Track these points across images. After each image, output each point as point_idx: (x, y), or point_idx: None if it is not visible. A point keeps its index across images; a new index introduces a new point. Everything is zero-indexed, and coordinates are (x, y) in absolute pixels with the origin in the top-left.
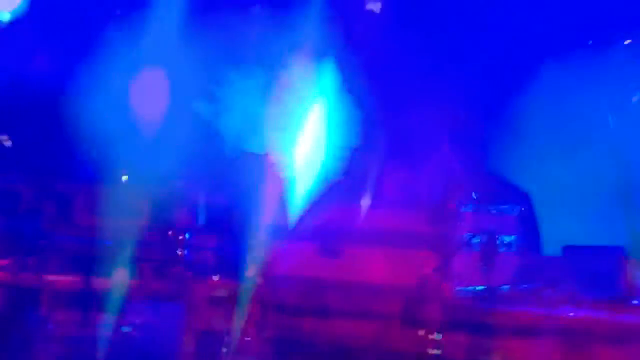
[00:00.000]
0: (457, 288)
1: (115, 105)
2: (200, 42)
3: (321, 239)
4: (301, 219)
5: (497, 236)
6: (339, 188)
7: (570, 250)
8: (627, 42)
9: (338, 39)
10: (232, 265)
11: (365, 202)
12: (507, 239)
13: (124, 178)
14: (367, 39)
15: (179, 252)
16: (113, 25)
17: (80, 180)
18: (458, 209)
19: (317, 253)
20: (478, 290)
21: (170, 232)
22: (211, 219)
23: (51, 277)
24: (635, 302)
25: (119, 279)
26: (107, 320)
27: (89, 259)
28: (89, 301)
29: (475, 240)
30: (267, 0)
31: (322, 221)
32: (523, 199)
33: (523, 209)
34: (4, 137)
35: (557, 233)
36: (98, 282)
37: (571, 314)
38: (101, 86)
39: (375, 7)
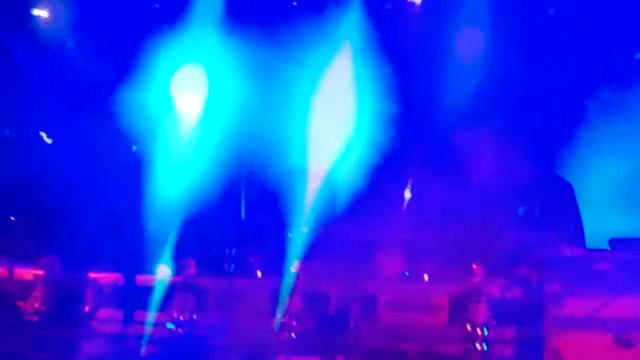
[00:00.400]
0: None
1: None
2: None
3: (616, 330)
4: None
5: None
6: None
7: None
8: None
9: (380, 39)
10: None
11: None
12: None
13: (426, 276)
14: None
15: (477, 347)
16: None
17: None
18: None
19: (613, 344)
20: None
21: (468, 326)
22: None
23: None
24: None
25: None
26: None
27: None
28: None
29: None
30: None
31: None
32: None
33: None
34: None
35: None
36: None
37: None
38: None
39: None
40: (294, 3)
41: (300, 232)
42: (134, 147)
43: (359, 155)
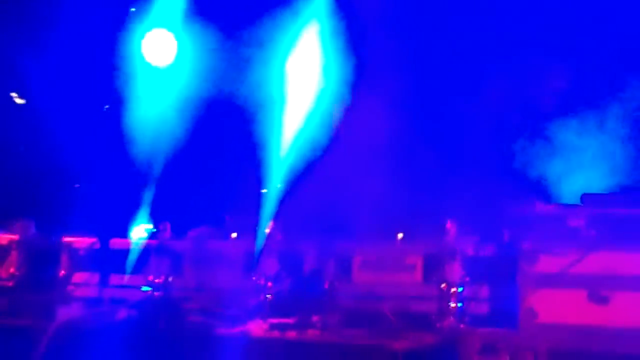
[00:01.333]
0: None
1: None
2: None
3: (591, 286)
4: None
5: None
6: None
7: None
8: None
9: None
10: (503, 314)
11: None
12: None
13: (400, 236)
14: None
15: (452, 305)
16: None
17: (358, 239)
18: None
19: (587, 300)
20: None
21: (443, 285)
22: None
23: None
24: None
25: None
26: None
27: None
28: None
29: None
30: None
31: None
32: None
33: None
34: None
35: None
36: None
37: None
38: None
39: None
40: None
41: (274, 189)
42: (106, 106)
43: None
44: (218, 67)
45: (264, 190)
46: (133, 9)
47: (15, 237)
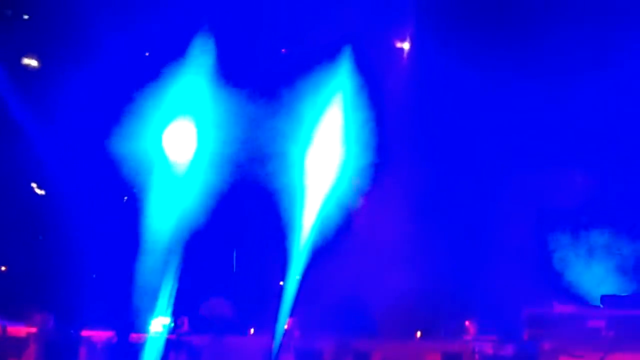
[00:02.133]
0: None
1: None
2: None
3: None
4: None
5: None
6: None
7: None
8: None
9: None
10: None
11: None
12: None
13: (419, 334)
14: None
15: None
16: None
17: (377, 336)
18: None
19: None
20: None
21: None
22: None
23: None
24: None
25: None
26: None
27: None
28: None
29: None
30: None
31: None
32: None
33: None
34: None
35: None
36: None
37: None
38: None
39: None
40: (283, 51)
41: (293, 283)
42: (125, 198)
43: (348, 205)
44: (238, 157)
45: (281, 284)
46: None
47: (33, 329)
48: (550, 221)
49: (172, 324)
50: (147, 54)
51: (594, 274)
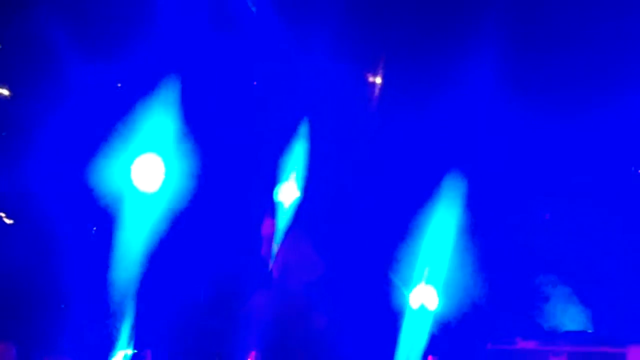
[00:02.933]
0: None
1: None
2: None
3: None
4: None
5: None
6: None
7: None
8: None
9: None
10: None
11: None
12: None
13: None
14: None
15: None
16: None
17: None
18: None
19: None
20: None
21: None
22: None
23: None
24: None
25: None
26: None
27: None
28: None
29: None
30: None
31: None
32: None
33: None
34: None
35: None
36: None
37: None
38: None
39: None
40: (254, 83)
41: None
42: (94, 228)
43: None
44: (206, 191)
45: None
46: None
47: None
48: (515, 258)
49: (135, 357)
50: (118, 84)
51: (557, 312)
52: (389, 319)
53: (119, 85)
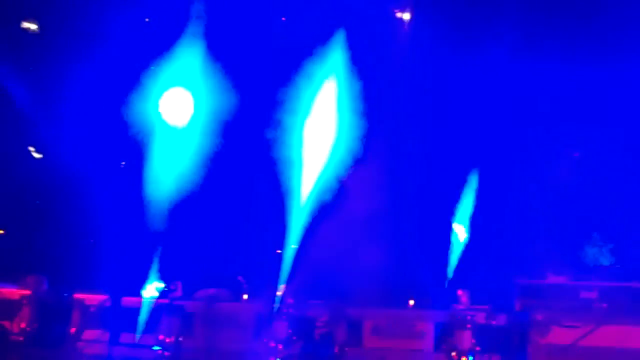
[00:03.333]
0: None
1: None
2: None
3: (602, 358)
4: None
5: None
6: None
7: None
8: None
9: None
10: None
11: None
12: None
13: (411, 302)
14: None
15: None
16: None
17: (370, 304)
18: None
19: None
20: None
21: (453, 354)
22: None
23: None
24: None
25: None
26: None
27: None
28: None
29: None
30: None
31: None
32: None
33: None
34: None
35: None
36: None
37: None
38: None
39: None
40: (283, 19)
41: (288, 251)
42: (122, 163)
43: (341, 175)
44: (234, 125)
45: (277, 252)
46: (152, 67)
47: (27, 292)
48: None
49: (166, 289)
50: (147, 19)
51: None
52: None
53: (147, 20)
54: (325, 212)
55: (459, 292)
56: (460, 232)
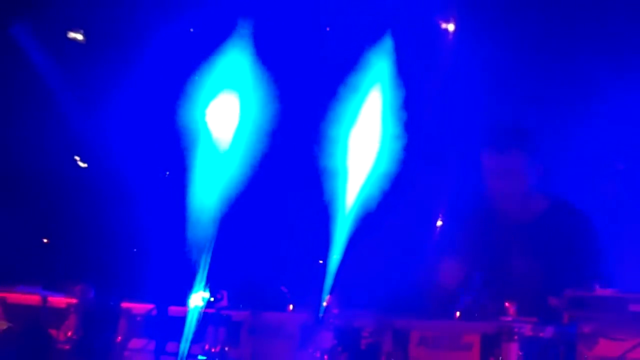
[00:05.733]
0: None
1: None
2: None
3: None
4: None
5: None
6: None
7: None
8: None
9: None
10: None
11: None
12: None
13: (458, 313)
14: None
15: None
16: None
17: (416, 314)
18: None
19: None
20: None
21: None
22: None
23: None
24: None
25: None
26: None
27: None
28: None
29: None
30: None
31: None
32: None
33: None
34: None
35: None
36: None
37: None
38: None
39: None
40: (327, 29)
41: (334, 261)
42: (167, 173)
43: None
44: (279, 135)
45: (320, 262)
46: (198, 76)
47: (73, 300)
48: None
49: (212, 298)
50: (191, 29)
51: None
52: None
53: (192, 30)
54: (369, 221)
55: (507, 303)
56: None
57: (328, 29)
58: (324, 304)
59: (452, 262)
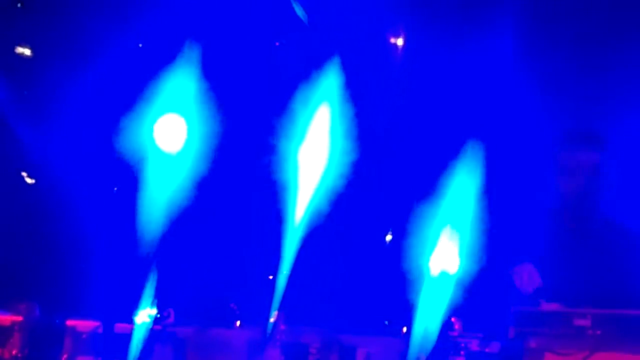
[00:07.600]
0: None
1: None
2: None
3: None
4: None
5: None
6: None
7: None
8: None
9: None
10: None
11: None
12: None
13: (404, 329)
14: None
15: None
16: None
17: (362, 333)
18: None
19: None
20: None
21: None
22: None
23: None
24: None
25: None
26: None
27: None
28: None
29: None
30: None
31: None
32: None
33: None
34: None
35: None
36: None
37: None
38: None
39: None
40: (276, 44)
41: (281, 277)
42: (114, 188)
43: (334, 201)
44: (227, 150)
45: (270, 278)
46: (145, 93)
47: (18, 318)
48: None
49: (159, 315)
50: (140, 45)
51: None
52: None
53: (140, 45)
54: (318, 237)
55: (453, 319)
56: (451, 262)
57: (277, 43)
58: (272, 320)
59: (530, 266)
